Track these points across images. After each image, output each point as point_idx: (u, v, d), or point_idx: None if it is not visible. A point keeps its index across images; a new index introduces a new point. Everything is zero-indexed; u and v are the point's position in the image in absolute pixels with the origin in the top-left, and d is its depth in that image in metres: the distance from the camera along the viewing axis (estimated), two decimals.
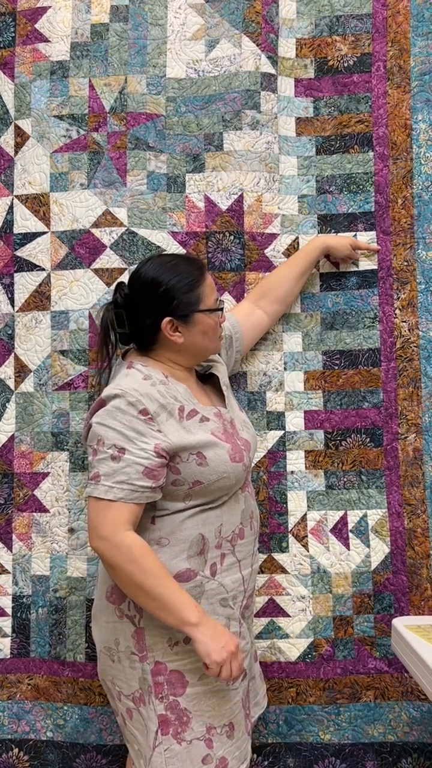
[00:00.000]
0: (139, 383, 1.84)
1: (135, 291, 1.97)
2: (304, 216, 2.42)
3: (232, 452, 1.88)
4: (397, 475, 2.31)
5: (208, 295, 1.96)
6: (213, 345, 2.02)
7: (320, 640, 2.29)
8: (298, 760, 2.25)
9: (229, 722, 1.86)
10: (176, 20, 2.44)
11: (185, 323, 1.93)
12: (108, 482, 1.75)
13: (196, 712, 1.82)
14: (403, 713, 2.24)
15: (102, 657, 1.95)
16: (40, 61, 2.44)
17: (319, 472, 2.35)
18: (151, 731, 1.82)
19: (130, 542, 1.74)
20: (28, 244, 2.41)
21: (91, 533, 1.77)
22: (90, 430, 1.84)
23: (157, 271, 1.94)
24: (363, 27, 2.43)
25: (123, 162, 2.39)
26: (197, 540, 1.86)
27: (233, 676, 1.75)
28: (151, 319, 1.92)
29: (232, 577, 1.91)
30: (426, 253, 2.36)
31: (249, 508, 2.00)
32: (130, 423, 1.78)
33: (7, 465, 2.38)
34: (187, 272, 1.94)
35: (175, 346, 1.95)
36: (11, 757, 2.30)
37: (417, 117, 2.39)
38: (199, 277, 1.96)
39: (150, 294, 1.93)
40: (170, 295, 1.91)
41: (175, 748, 1.80)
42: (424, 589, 2.27)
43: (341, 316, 2.38)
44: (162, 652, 1.83)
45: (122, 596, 1.88)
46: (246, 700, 1.97)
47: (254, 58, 2.39)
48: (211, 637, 1.73)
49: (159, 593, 1.72)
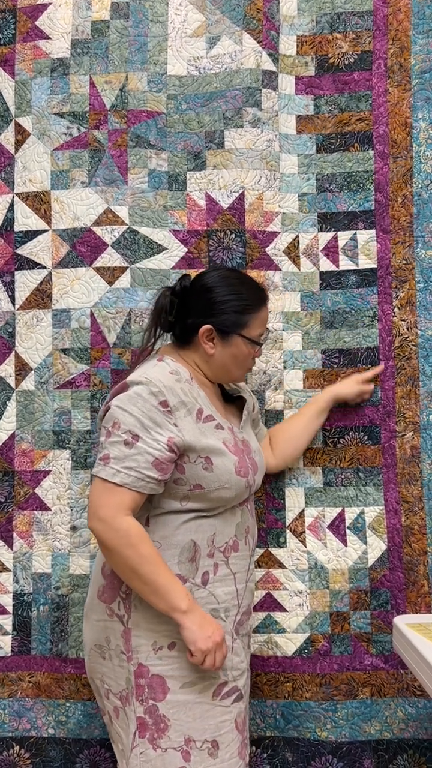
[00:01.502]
0: (165, 375, 1.86)
1: (193, 288, 2.01)
2: (305, 214, 2.42)
3: (238, 466, 1.90)
4: (394, 473, 2.33)
5: (255, 326, 2.00)
6: (237, 373, 2.05)
7: (317, 636, 2.30)
8: (297, 755, 2.27)
9: (212, 739, 1.84)
10: (177, 17, 2.43)
11: (222, 339, 1.96)
12: (117, 466, 1.77)
13: (175, 721, 1.82)
14: (399, 710, 2.26)
15: (92, 654, 1.97)
16: (41, 58, 2.43)
17: (317, 469, 2.36)
18: (130, 732, 1.84)
19: (128, 526, 1.76)
20: (28, 242, 2.41)
21: (91, 513, 1.79)
22: (108, 412, 1.86)
23: (221, 281, 1.99)
24: (364, 24, 2.42)
25: (124, 160, 2.39)
26: (189, 546, 1.87)
27: (216, 666, 1.77)
28: (194, 320, 1.96)
29: (225, 589, 1.92)
30: (425, 251, 2.36)
31: (245, 522, 2.00)
32: (149, 412, 1.80)
33: (8, 463, 2.39)
34: (247, 295, 1.99)
35: (204, 355, 1.98)
36: (12, 755, 2.32)
37: (417, 115, 2.38)
38: (256, 306, 2.00)
39: (204, 297, 1.97)
40: (221, 307, 1.95)
41: (150, 754, 1.81)
42: (420, 585, 2.29)
43: (340, 314, 2.38)
44: (146, 655, 1.84)
45: (113, 595, 1.90)
46: (243, 725, 1.95)
47: (255, 55, 2.39)
48: (199, 625, 1.76)
49: (152, 579, 1.75)
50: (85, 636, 2.01)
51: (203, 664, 1.77)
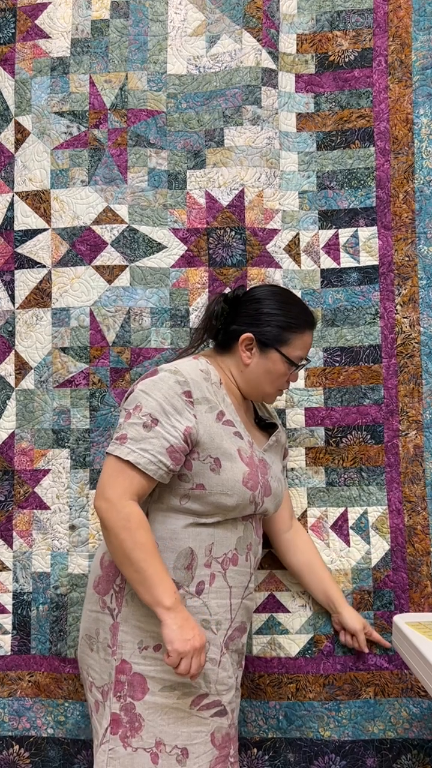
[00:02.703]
0: (195, 371, 1.89)
1: (245, 298, 2.04)
2: (305, 212, 2.41)
3: (247, 477, 1.88)
4: (397, 472, 2.31)
5: (296, 346, 2.01)
6: (269, 389, 2.04)
7: (320, 636, 2.28)
8: (298, 755, 2.25)
9: (183, 746, 1.82)
10: (177, 16, 2.44)
11: (260, 351, 1.98)
12: (132, 446, 1.78)
13: (149, 722, 1.80)
14: (402, 710, 2.24)
15: (82, 644, 1.97)
16: (41, 57, 2.44)
17: (320, 469, 2.35)
18: (102, 727, 1.83)
19: (131, 510, 1.76)
20: (28, 241, 2.41)
21: (98, 492, 1.80)
22: (131, 394, 1.88)
23: (272, 295, 2.03)
24: (364, 22, 2.42)
25: (124, 159, 2.39)
26: (186, 553, 1.86)
27: (191, 673, 1.73)
28: (237, 327, 1.99)
29: (219, 601, 1.90)
30: (427, 248, 2.35)
31: (248, 539, 1.98)
32: (171, 398, 1.81)
33: (8, 462, 2.39)
34: (294, 314, 2.01)
35: (240, 364, 2.00)
36: (12, 754, 2.31)
37: (418, 111, 2.38)
38: (301, 327, 2.01)
39: (252, 307, 2.00)
40: (266, 318, 1.97)
41: (120, 751, 1.80)
42: (424, 586, 2.27)
43: (342, 312, 2.37)
44: (130, 652, 1.84)
45: (107, 587, 1.90)
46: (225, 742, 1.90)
47: (255, 53, 2.38)
48: (180, 626, 1.73)
49: (143, 568, 1.74)
50: (80, 626, 2.01)
51: (178, 667, 1.72)
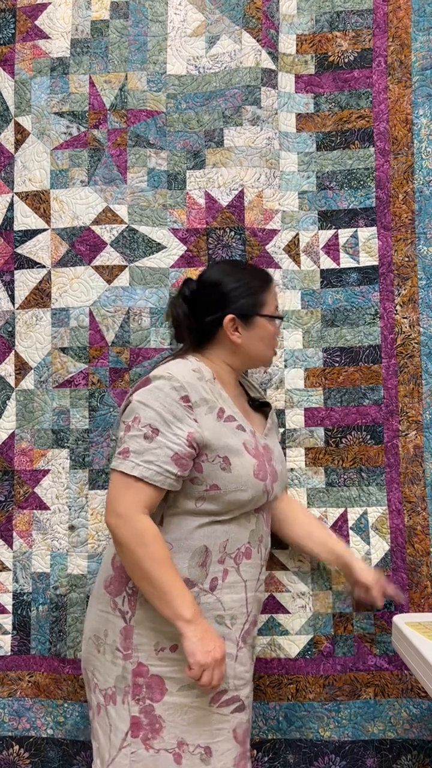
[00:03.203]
0: (188, 372, 1.87)
1: (200, 289, 2.02)
2: (305, 212, 2.41)
3: (257, 468, 1.88)
4: (397, 473, 2.31)
5: (270, 302, 2.03)
6: (268, 353, 2.06)
7: (320, 637, 2.28)
8: (298, 756, 2.25)
9: (206, 745, 1.82)
10: (176, 17, 2.44)
11: (246, 325, 1.98)
12: (136, 459, 1.77)
13: (170, 723, 1.80)
14: (403, 710, 2.24)
15: (89, 644, 1.95)
16: (40, 57, 2.44)
17: (320, 470, 2.34)
18: (120, 731, 1.81)
19: (144, 525, 1.75)
20: (28, 242, 2.41)
21: (109, 508, 1.78)
22: (128, 406, 1.86)
23: (224, 274, 2.01)
24: (364, 22, 2.42)
25: (123, 159, 2.39)
26: (200, 551, 1.85)
27: (213, 684, 1.73)
28: (213, 317, 1.97)
29: (233, 596, 1.90)
30: (427, 248, 2.35)
31: (260, 531, 1.98)
32: (169, 406, 1.80)
33: (8, 462, 2.38)
34: (252, 278, 2.02)
35: (231, 346, 1.99)
36: (12, 754, 2.30)
37: (418, 112, 2.38)
38: (264, 284, 2.03)
39: (215, 293, 1.98)
40: (234, 295, 1.97)
41: (142, 753, 1.79)
42: (424, 586, 2.27)
43: (342, 312, 2.37)
44: (147, 654, 1.83)
45: (120, 589, 1.89)
46: (243, 736, 1.92)
47: (255, 54, 2.38)
48: (201, 638, 1.72)
49: (161, 582, 1.73)
50: (86, 624, 1.99)
51: (200, 679, 1.72)
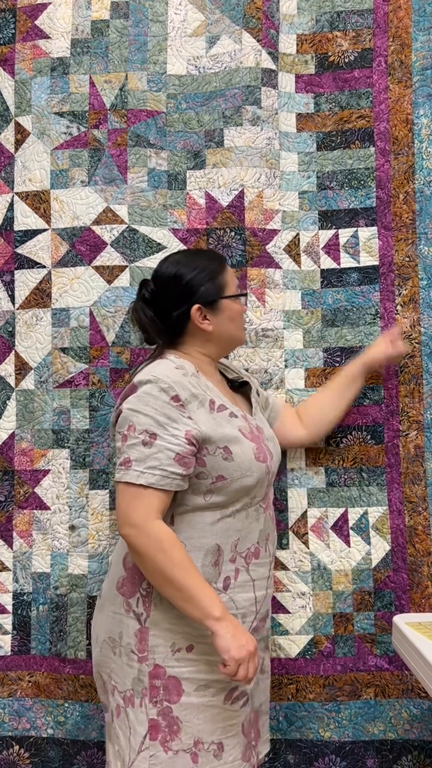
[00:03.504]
0: (171, 371, 1.85)
1: (159, 287, 2.00)
2: (305, 212, 2.41)
3: (257, 452, 1.89)
4: (398, 473, 2.31)
5: (230, 282, 2.02)
6: (240, 333, 2.07)
7: (320, 637, 2.28)
8: (299, 756, 2.25)
9: (218, 741, 1.83)
10: (177, 16, 2.44)
11: (213, 310, 1.97)
12: (140, 468, 1.76)
13: (187, 723, 1.80)
14: (403, 711, 2.23)
15: (104, 647, 1.93)
16: (41, 57, 2.44)
17: (320, 470, 2.34)
18: (138, 734, 1.81)
19: (159, 531, 1.74)
20: (28, 242, 2.41)
21: (121, 520, 1.77)
22: (120, 416, 1.85)
23: (178, 266, 1.99)
24: (364, 22, 2.42)
25: (123, 159, 2.39)
26: (213, 549, 1.85)
27: (249, 677, 1.72)
28: (179, 311, 1.96)
29: (244, 595, 1.90)
30: (428, 248, 2.35)
31: (267, 529, 1.99)
32: (162, 409, 1.79)
33: (8, 462, 2.38)
34: (207, 263, 2.00)
35: (204, 335, 1.98)
36: (12, 754, 2.31)
37: (418, 112, 2.38)
38: (220, 267, 2.02)
39: (175, 287, 1.97)
40: (195, 284, 1.95)
41: (161, 756, 1.79)
42: (425, 586, 2.27)
43: (342, 312, 2.37)
44: (163, 656, 1.82)
45: (133, 590, 1.87)
46: (250, 728, 1.93)
47: (255, 54, 2.38)
48: (233, 634, 1.71)
49: (185, 584, 1.72)
50: (98, 627, 1.97)
51: (236, 674, 1.70)
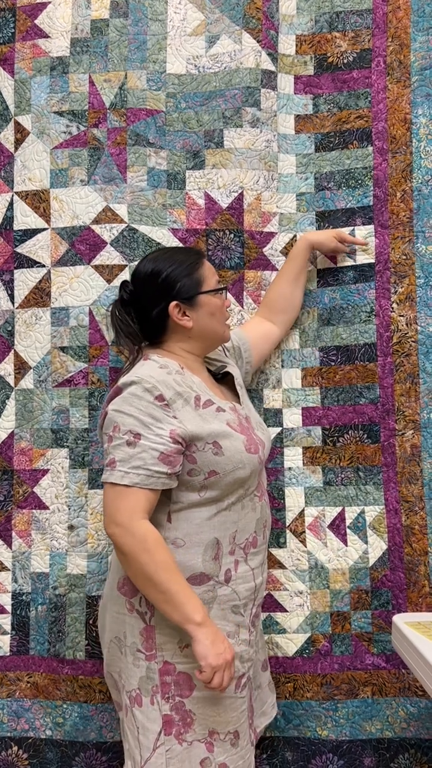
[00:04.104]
0: (155, 371, 1.86)
1: (138, 286, 2.00)
2: (303, 214, 2.42)
3: (247, 443, 1.89)
4: (394, 472, 2.32)
5: (208, 277, 2.01)
6: (222, 327, 2.04)
7: (317, 636, 2.29)
8: (296, 754, 2.26)
9: (234, 730, 1.86)
10: (176, 16, 2.43)
11: (191, 306, 1.96)
12: (124, 468, 1.76)
13: (200, 716, 1.82)
14: (400, 709, 2.25)
15: (111, 647, 1.94)
16: (40, 56, 2.43)
17: (317, 469, 2.35)
18: (152, 732, 1.81)
19: (145, 531, 1.74)
20: (28, 241, 2.41)
21: (107, 519, 1.78)
22: (106, 418, 1.86)
23: (155, 263, 1.98)
24: (363, 23, 2.42)
25: (123, 158, 2.39)
26: (212, 543, 1.86)
27: (223, 686, 1.73)
28: (158, 309, 1.96)
29: (245, 585, 1.92)
30: (425, 247, 2.35)
31: (264, 517, 2.01)
32: (146, 409, 1.79)
33: (7, 462, 2.39)
34: (184, 258, 2.00)
35: (185, 332, 1.98)
36: (10, 755, 2.31)
37: (417, 111, 2.38)
38: (197, 262, 2.01)
39: (152, 285, 1.96)
40: (171, 280, 1.95)
41: (176, 749, 1.80)
42: (421, 585, 2.28)
43: (337, 311, 2.37)
44: (172, 652, 1.83)
45: (134, 589, 1.87)
46: (250, 710, 1.97)
47: (254, 54, 2.39)
48: (212, 641, 1.72)
49: (167, 587, 1.73)
50: (106, 628, 1.98)
51: (211, 682, 1.72)
